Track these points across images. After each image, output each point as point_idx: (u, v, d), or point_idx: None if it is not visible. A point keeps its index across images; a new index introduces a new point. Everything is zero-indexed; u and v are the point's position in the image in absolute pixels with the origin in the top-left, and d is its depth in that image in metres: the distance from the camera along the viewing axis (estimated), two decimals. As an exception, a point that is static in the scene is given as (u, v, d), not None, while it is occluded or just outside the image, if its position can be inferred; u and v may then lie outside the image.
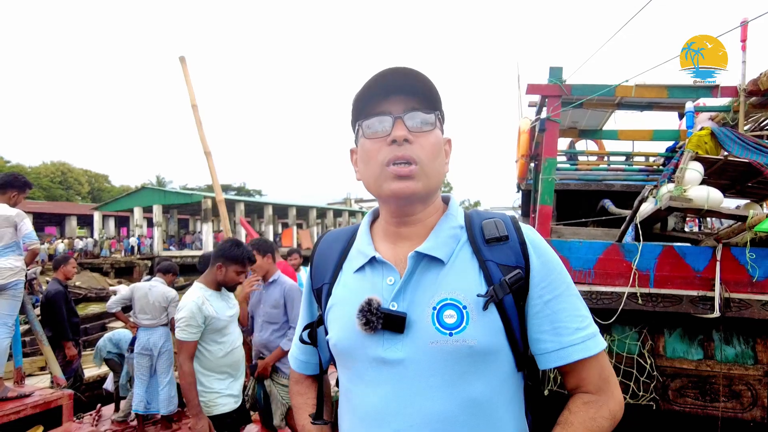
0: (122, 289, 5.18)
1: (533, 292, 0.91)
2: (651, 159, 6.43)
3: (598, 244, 3.57)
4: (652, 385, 3.55)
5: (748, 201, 4.07)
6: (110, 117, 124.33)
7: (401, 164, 0.89)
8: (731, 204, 3.91)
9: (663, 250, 3.40)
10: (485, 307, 0.87)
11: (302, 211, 36.19)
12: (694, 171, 3.07)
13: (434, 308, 0.88)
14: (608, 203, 5.27)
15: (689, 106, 3.79)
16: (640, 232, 3.47)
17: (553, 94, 3.99)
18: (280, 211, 35.27)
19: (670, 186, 3.12)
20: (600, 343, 0.92)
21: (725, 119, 4.16)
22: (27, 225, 3.92)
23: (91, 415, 4.98)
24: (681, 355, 3.62)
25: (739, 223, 3.22)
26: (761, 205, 4.10)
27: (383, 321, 0.87)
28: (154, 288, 4.85)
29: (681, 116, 4.95)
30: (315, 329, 1.07)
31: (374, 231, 1.04)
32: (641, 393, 3.55)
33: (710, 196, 2.99)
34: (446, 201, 1.03)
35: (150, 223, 31.31)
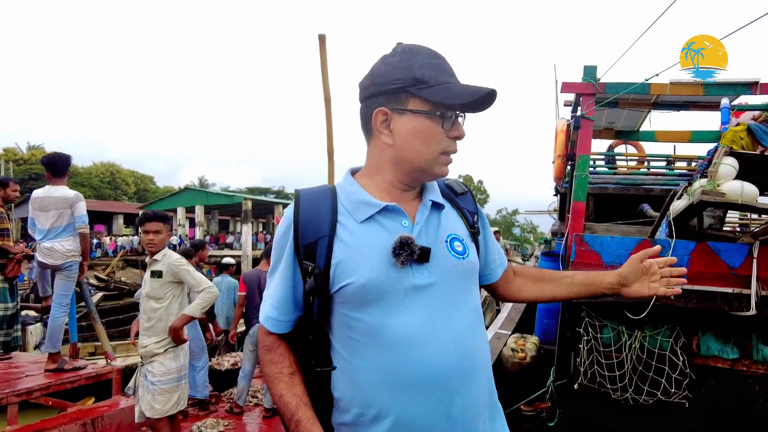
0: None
1: (484, 228, 1.28)
2: (693, 164, 6.31)
3: (629, 239, 3.59)
4: (684, 383, 3.53)
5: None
6: (158, 120, 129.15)
7: (450, 155, 1.11)
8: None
9: (696, 246, 3.39)
10: (472, 240, 1.19)
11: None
12: (728, 166, 3.05)
13: (446, 241, 1.12)
14: (647, 207, 5.22)
15: (725, 102, 3.74)
16: (674, 229, 3.47)
17: (587, 92, 4.03)
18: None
19: (703, 181, 3.12)
20: None
21: (769, 118, 4.08)
22: (81, 208, 4.04)
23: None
24: (715, 353, 3.58)
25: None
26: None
27: (419, 253, 1.04)
28: None
29: (722, 116, 4.87)
30: (326, 278, 1.05)
31: (364, 188, 1.12)
32: (673, 390, 3.53)
33: (745, 190, 2.97)
34: None
35: (192, 223, 32.39)
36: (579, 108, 4.29)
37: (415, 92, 1.04)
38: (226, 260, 7.01)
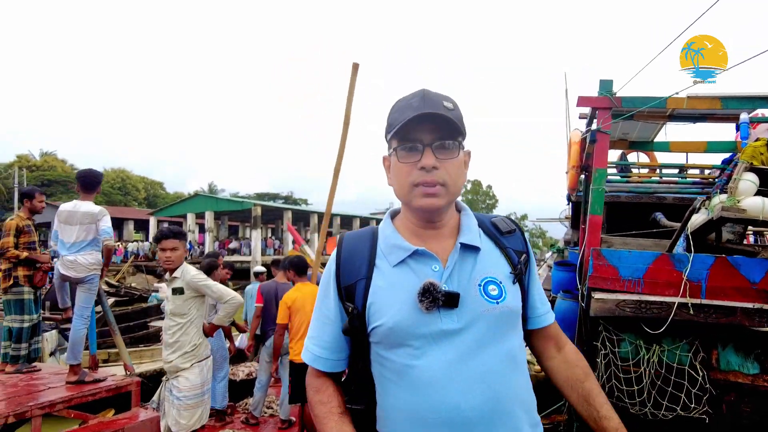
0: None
1: (531, 269, 1.23)
2: (706, 172, 6.27)
3: (647, 253, 3.57)
4: (704, 398, 3.50)
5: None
6: (168, 126, 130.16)
7: (426, 186, 1.08)
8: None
9: (716, 260, 3.37)
10: (514, 282, 1.14)
11: (346, 221, 36.72)
12: (748, 182, 3.04)
13: (479, 285, 1.10)
14: (660, 216, 5.19)
15: (744, 116, 3.73)
16: (692, 243, 3.45)
17: (604, 106, 4.03)
18: (325, 220, 35.90)
19: (723, 197, 3.11)
20: None
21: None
22: (105, 221, 4.18)
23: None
24: (735, 368, 3.55)
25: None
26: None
27: (444, 299, 1.04)
28: None
29: (738, 128, 4.85)
30: (362, 319, 1.11)
31: (399, 230, 1.18)
32: (693, 405, 3.51)
33: (766, 206, 2.96)
34: (458, 207, 1.24)
35: (202, 229, 32.57)
36: (595, 121, 4.30)
37: (387, 136, 1.14)
38: (257, 269, 7.53)
